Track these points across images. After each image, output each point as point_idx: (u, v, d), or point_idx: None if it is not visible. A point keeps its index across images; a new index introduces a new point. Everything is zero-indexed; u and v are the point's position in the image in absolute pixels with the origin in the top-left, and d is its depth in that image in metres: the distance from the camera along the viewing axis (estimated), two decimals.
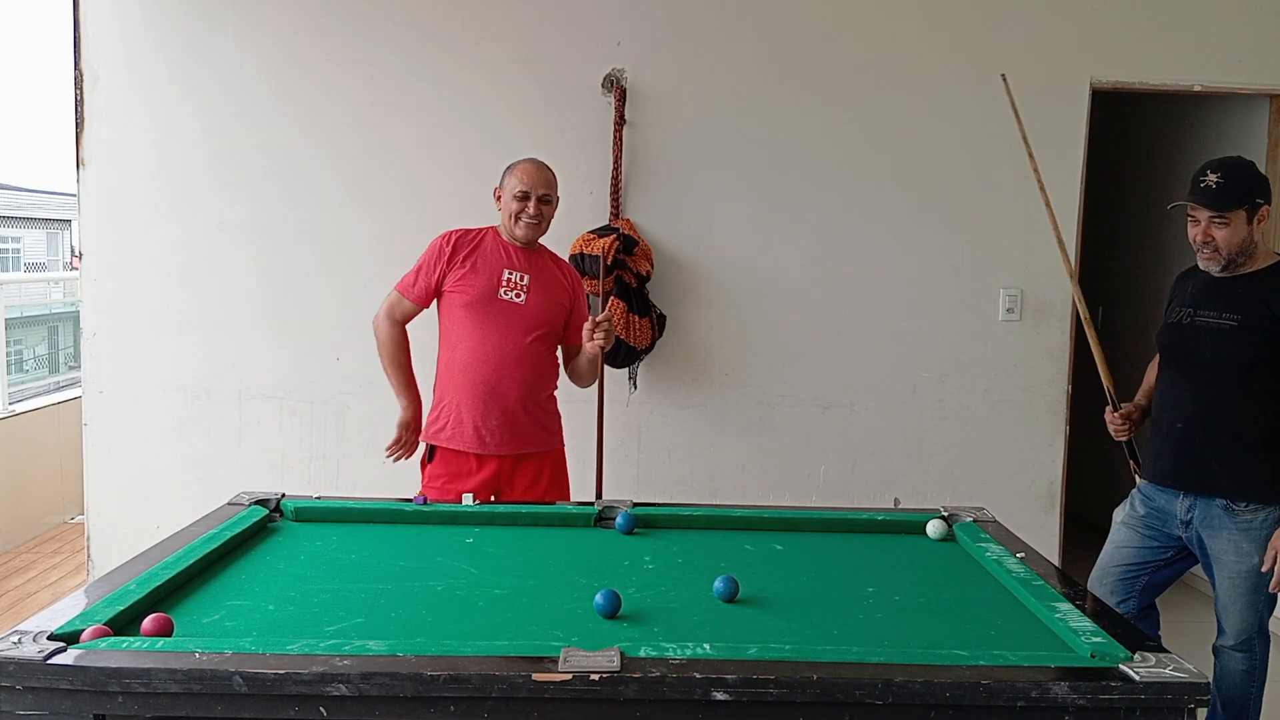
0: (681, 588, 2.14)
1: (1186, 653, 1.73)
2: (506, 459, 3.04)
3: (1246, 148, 4.48)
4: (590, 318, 3.03)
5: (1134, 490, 2.95)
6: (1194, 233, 2.67)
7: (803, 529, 2.60)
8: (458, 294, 3.02)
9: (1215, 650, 2.84)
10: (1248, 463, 2.64)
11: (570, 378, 3.22)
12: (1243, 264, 2.66)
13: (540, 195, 3.01)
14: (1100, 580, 2.92)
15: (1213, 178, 2.60)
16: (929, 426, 4.22)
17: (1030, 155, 3.23)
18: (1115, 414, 2.94)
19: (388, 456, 3.16)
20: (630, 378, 4.12)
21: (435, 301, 3.10)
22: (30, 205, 20.22)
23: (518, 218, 3.00)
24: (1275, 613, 3.08)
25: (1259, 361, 2.61)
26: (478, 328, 3.00)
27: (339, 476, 4.10)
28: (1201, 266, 2.72)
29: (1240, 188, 2.59)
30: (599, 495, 3.50)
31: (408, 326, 3.17)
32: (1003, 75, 3.38)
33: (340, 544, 2.39)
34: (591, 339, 2.99)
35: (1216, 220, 2.61)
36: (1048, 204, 3.22)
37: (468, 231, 3.09)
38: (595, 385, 3.30)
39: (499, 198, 3.07)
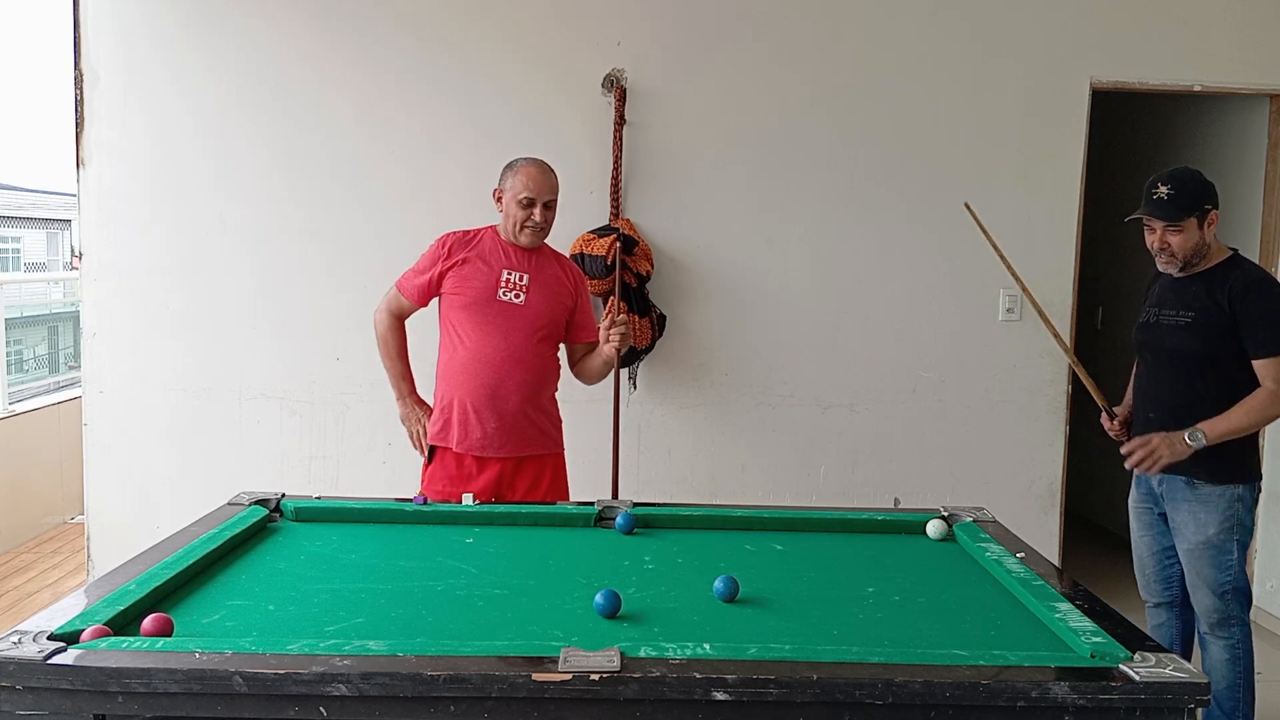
0: (681, 588, 2.14)
1: None
2: (508, 461, 3.03)
3: (1246, 148, 4.49)
4: (608, 317, 3.01)
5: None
6: (1151, 240, 2.91)
7: (803, 529, 2.60)
8: (456, 295, 3.00)
9: (1200, 640, 2.94)
10: (1210, 446, 2.80)
11: (578, 376, 3.20)
12: (1198, 264, 2.88)
13: (545, 201, 2.98)
14: (1142, 573, 3.11)
15: (1163, 189, 2.82)
16: (929, 426, 4.22)
17: (1009, 267, 3.31)
18: (1114, 424, 3.08)
19: (419, 450, 3.16)
20: (630, 378, 4.12)
21: (436, 302, 3.10)
22: (30, 205, 20.21)
23: (522, 225, 2.98)
24: (1267, 608, 3.10)
25: (1213, 353, 2.81)
26: (478, 329, 2.98)
27: (339, 476, 4.10)
28: (1160, 270, 2.94)
29: (1190, 197, 2.80)
30: (615, 495, 3.50)
31: (410, 330, 3.19)
32: (966, 204, 3.42)
33: (340, 544, 2.39)
34: (608, 340, 2.98)
35: (1170, 228, 2.83)
36: (1008, 266, 3.32)
37: (466, 233, 3.07)
38: (609, 385, 3.30)
39: (499, 198, 3.03)
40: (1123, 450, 2.88)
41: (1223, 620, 2.84)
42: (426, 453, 3.10)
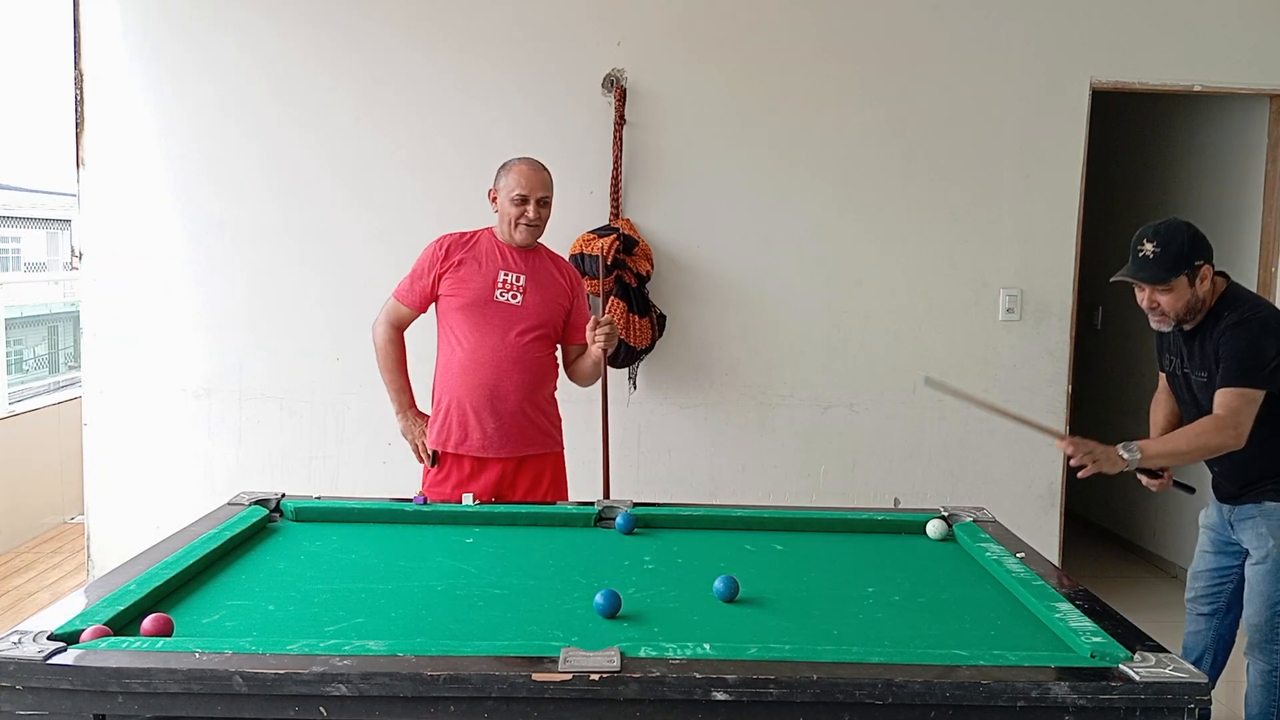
0: (681, 588, 2.14)
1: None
2: (509, 461, 3.03)
3: (1246, 148, 4.49)
4: (593, 318, 3.02)
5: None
6: (1140, 299, 2.78)
7: (803, 529, 2.60)
8: (454, 297, 3.00)
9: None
10: (1270, 475, 2.78)
11: (571, 378, 3.21)
12: (1195, 319, 2.75)
13: (539, 198, 2.98)
14: (1193, 582, 3.06)
15: (1149, 247, 2.68)
16: (929, 426, 4.21)
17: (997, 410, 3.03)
18: (1152, 482, 2.91)
19: (423, 460, 3.12)
20: (630, 378, 4.12)
21: (434, 306, 3.09)
22: (30, 205, 20.19)
23: (516, 222, 2.98)
24: None
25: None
26: (475, 330, 2.98)
27: (339, 476, 4.10)
28: (1154, 327, 2.83)
29: (1177, 254, 2.66)
30: (606, 495, 3.49)
31: (406, 334, 3.17)
32: (926, 377, 2.99)
33: (340, 544, 2.39)
34: (594, 341, 2.99)
35: (1160, 289, 2.70)
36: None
37: (462, 235, 3.07)
38: (598, 385, 3.30)
39: (494, 199, 3.03)
40: (1062, 447, 2.73)
41: (1265, 641, 2.79)
42: (430, 459, 3.09)
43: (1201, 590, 3.02)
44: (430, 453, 3.08)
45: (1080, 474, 2.70)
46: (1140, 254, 2.69)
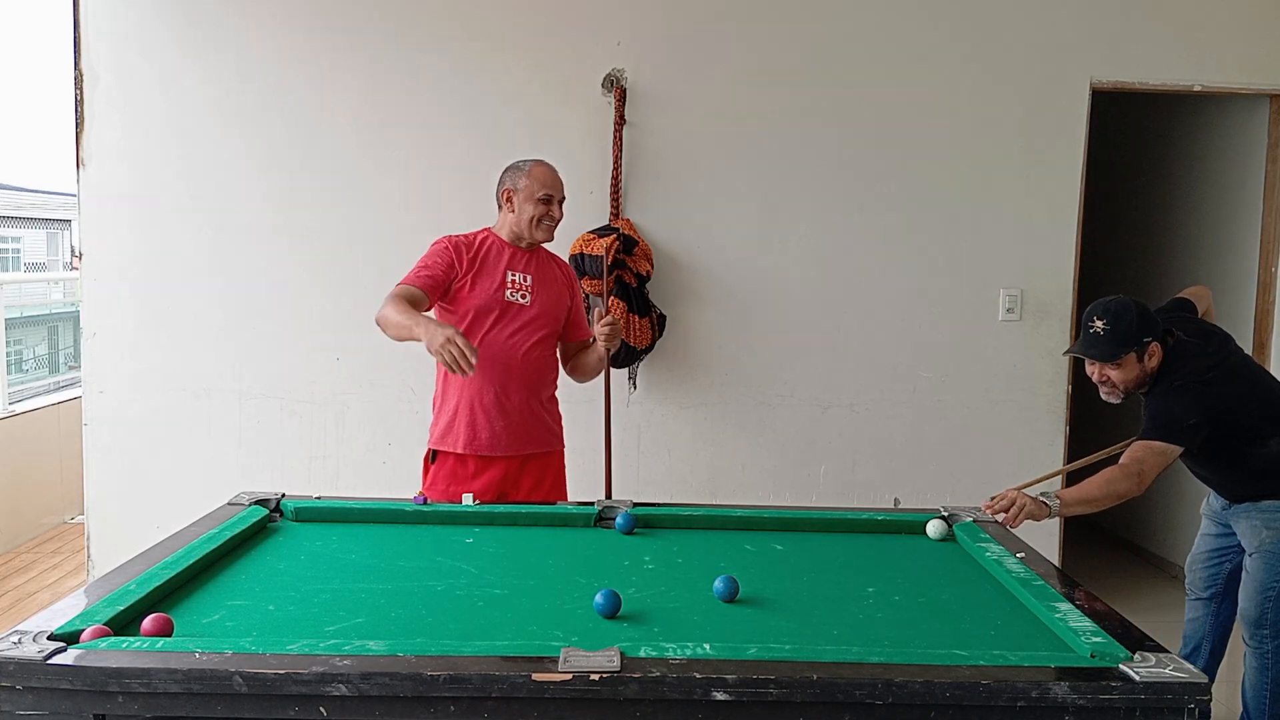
0: (681, 588, 2.14)
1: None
2: (514, 460, 3.02)
3: (1246, 148, 4.49)
4: (597, 311, 3.02)
5: None
6: (1091, 372, 2.86)
7: (803, 529, 2.60)
8: (464, 299, 2.97)
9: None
10: (1258, 483, 2.88)
11: (572, 373, 3.20)
12: (1144, 389, 2.83)
13: (560, 198, 3.02)
14: (1191, 568, 3.16)
15: (1099, 324, 2.77)
16: (929, 426, 4.22)
17: None
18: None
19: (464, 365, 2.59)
20: (630, 378, 4.12)
21: (435, 309, 3.06)
22: (30, 205, 20.19)
23: (539, 221, 2.99)
24: None
25: (1212, 448, 2.82)
26: (486, 330, 2.97)
27: (339, 476, 4.10)
28: (1104, 398, 2.90)
29: (1126, 332, 2.75)
30: (608, 494, 3.50)
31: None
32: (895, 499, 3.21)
33: (340, 544, 2.39)
34: (599, 338, 3.00)
35: (1110, 365, 2.79)
36: None
37: (465, 236, 3.05)
38: (600, 385, 3.30)
39: (508, 198, 3.01)
40: (987, 509, 2.69)
41: (1258, 623, 2.87)
42: (430, 454, 3.05)
43: (1200, 572, 3.11)
44: (432, 452, 3.05)
45: (1011, 526, 2.66)
46: (1091, 330, 2.79)
